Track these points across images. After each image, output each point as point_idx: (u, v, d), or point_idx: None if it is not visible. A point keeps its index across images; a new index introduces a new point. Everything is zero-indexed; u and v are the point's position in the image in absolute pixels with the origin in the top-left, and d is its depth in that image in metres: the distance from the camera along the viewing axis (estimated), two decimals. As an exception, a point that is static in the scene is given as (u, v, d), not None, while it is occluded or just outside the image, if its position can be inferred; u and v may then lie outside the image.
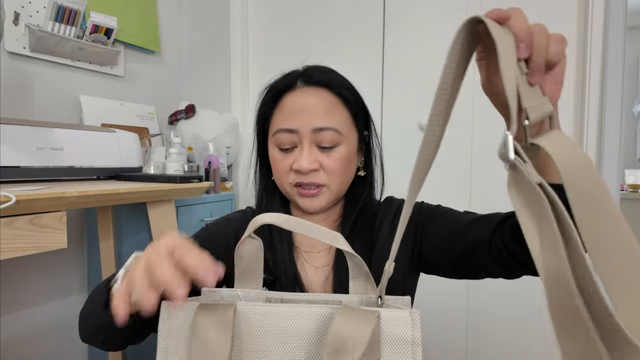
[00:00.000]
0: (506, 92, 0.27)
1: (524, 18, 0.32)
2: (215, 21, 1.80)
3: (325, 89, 0.63)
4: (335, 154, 0.62)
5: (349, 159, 0.63)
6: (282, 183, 0.64)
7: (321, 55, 1.79)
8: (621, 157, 1.33)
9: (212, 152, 1.46)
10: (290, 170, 0.62)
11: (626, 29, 1.31)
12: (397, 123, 1.65)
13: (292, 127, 0.61)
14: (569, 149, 0.27)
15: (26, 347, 1.15)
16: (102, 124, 1.27)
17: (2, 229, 0.60)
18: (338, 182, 0.63)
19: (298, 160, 0.60)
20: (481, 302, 1.56)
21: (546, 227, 0.26)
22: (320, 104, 0.62)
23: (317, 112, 0.61)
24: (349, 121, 0.64)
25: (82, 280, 1.28)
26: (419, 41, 1.61)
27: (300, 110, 0.61)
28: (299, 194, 0.62)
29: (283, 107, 0.63)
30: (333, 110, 0.62)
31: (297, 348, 0.42)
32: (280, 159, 0.63)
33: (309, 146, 0.61)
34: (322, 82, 0.63)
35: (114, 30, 1.23)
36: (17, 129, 0.84)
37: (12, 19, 1.09)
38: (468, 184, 1.55)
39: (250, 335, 0.42)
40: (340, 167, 0.62)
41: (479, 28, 0.31)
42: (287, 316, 0.42)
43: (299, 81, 0.64)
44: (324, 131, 0.60)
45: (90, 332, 0.53)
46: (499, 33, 0.30)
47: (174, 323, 0.42)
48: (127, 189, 0.83)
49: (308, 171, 0.60)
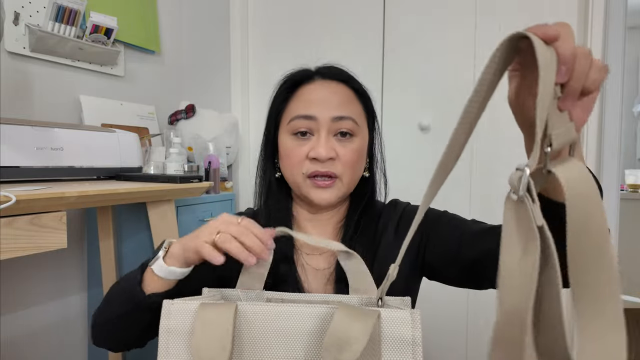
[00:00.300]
0: (537, 119, 0.26)
1: (572, 38, 0.30)
2: (215, 21, 1.80)
3: (342, 83, 0.65)
4: (351, 145, 0.62)
5: (361, 153, 0.64)
6: (294, 174, 0.63)
7: (321, 55, 1.78)
8: (621, 157, 1.33)
9: (212, 152, 1.46)
10: (306, 158, 0.61)
11: (626, 29, 1.31)
12: (397, 123, 1.65)
13: (311, 114, 0.61)
14: (583, 184, 0.26)
15: (26, 347, 1.15)
16: (102, 124, 1.27)
17: (2, 229, 0.60)
18: (350, 175, 0.63)
19: (315, 148, 0.60)
20: (481, 303, 1.56)
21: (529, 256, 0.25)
22: (338, 95, 0.63)
23: (335, 102, 0.62)
24: (363, 116, 0.66)
25: (82, 280, 1.28)
26: (419, 41, 1.61)
27: (319, 99, 0.62)
28: (313, 184, 0.62)
29: (300, 97, 0.64)
30: (351, 103, 0.64)
31: (297, 347, 0.42)
32: (294, 147, 0.62)
33: (327, 135, 0.61)
34: (339, 77, 0.65)
35: (114, 30, 1.23)
36: (17, 129, 0.84)
37: (12, 19, 1.09)
38: (468, 184, 1.55)
39: (251, 335, 0.43)
40: (355, 159, 0.63)
41: (521, 44, 0.29)
42: (287, 316, 0.43)
43: (316, 75, 0.65)
44: (343, 120, 0.61)
45: (112, 322, 0.56)
46: (545, 55, 0.28)
47: (174, 322, 0.42)
48: (127, 189, 0.83)
49: (326, 159, 0.60)
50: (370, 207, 0.68)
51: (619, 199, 1.32)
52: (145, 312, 0.52)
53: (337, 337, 0.37)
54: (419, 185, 1.76)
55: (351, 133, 0.62)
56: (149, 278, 0.53)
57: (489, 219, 0.63)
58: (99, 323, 0.58)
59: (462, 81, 1.54)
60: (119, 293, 0.57)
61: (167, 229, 1.01)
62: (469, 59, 1.53)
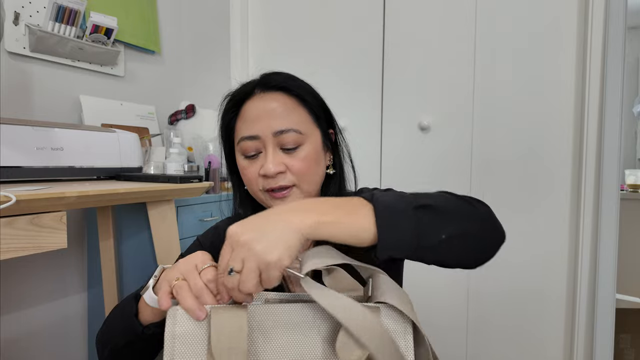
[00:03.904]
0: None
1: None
2: (215, 21, 1.80)
3: (281, 92, 0.64)
4: (299, 154, 0.62)
5: (314, 157, 0.64)
6: (254, 190, 0.65)
7: (321, 55, 1.79)
8: (621, 157, 1.33)
9: (212, 152, 1.46)
10: (259, 176, 0.62)
11: (626, 29, 1.31)
12: (397, 123, 1.65)
13: (254, 134, 0.62)
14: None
15: (26, 347, 1.15)
16: (102, 124, 1.27)
17: (2, 229, 0.60)
18: (307, 181, 0.63)
19: (264, 165, 0.61)
20: (481, 303, 1.56)
21: None
22: (278, 107, 0.62)
23: (275, 115, 0.62)
24: (309, 121, 0.65)
25: (82, 280, 1.28)
26: (419, 41, 1.61)
27: (260, 115, 0.62)
28: (272, 197, 0.63)
29: (243, 115, 0.64)
30: (291, 112, 0.63)
31: (310, 341, 0.44)
32: (247, 167, 0.64)
33: (273, 150, 0.61)
34: (278, 86, 0.64)
35: (114, 30, 1.24)
36: (17, 129, 0.84)
37: (12, 19, 1.09)
38: (468, 183, 1.55)
39: (263, 333, 0.44)
40: (307, 166, 0.63)
41: None
42: (296, 313, 0.45)
43: (257, 88, 0.65)
44: (285, 133, 0.61)
45: (118, 350, 0.56)
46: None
47: (180, 327, 0.43)
48: (127, 189, 0.83)
49: (275, 174, 0.61)
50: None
51: (619, 199, 1.32)
52: (148, 341, 0.52)
53: (353, 329, 0.40)
54: (419, 185, 1.78)
55: (295, 145, 0.62)
56: (142, 308, 0.53)
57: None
58: (104, 345, 0.58)
59: (462, 81, 1.54)
60: (119, 321, 0.56)
61: (167, 229, 1.01)
62: (470, 59, 1.53)
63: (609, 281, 1.34)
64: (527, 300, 1.50)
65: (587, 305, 1.40)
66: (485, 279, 1.54)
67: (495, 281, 1.53)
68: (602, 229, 1.34)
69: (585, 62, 1.38)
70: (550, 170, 1.46)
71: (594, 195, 1.37)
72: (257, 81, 0.66)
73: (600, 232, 1.34)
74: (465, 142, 1.55)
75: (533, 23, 1.46)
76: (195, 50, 1.70)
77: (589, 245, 1.38)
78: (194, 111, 1.50)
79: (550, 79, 1.44)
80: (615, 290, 1.35)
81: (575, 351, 1.41)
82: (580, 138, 1.41)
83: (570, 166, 1.44)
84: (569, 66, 1.42)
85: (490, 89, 1.51)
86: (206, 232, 0.74)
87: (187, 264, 0.48)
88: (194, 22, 1.69)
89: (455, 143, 1.56)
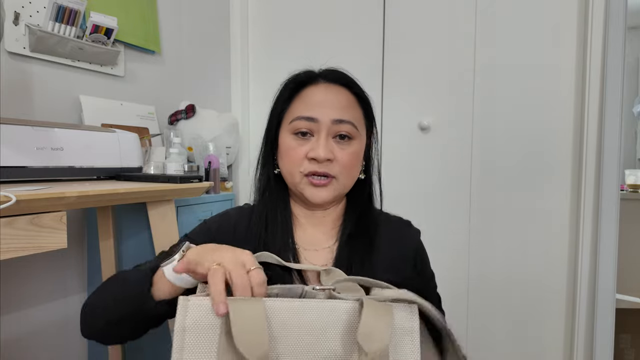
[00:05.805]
0: None
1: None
2: (215, 21, 1.80)
3: (344, 87, 0.67)
4: (349, 148, 0.65)
5: (358, 156, 0.66)
6: (293, 172, 0.65)
7: (321, 56, 1.78)
8: (621, 157, 1.33)
9: (212, 152, 1.46)
10: (305, 158, 0.64)
11: (626, 29, 1.31)
12: (397, 123, 1.65)
13: (313, 116, 0.63)
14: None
15: (26, 347, 1.15)
16: (102, 124, 1.27)
17: (2, 229, 0.60)
18: (346, 176, 0.65)
19: (315, 149, 0.62)
20: (481, 303, 1.56)
21: None
22: (340, 99, 0.65)
23: (338, 105, 0.64)
24: (362, 121, 0.68)
25: (82, 280, 1.28)
26: (419, 41, 1.61)
27: (322, 102, 0.64)
28: (310, 183, 0.64)
29: (304, 98, 0.66)
30: (352, 108, 0.66)
31: (326, 339, 0.45)
32: (294, 147, 0.64)
33: (326, 137, 0.63)
34: (342, 81, 0.67)
35: (114, 30, 1.23)
36: (17, 129, 0.84)
37: (12, 19, 1.09)
38: (468, 183, 1.55)
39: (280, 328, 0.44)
40: (352, 162, 0.65)
41: None
42: (313, 310, 0.46)
43: (320, 77, 0.68)
44: (343, 123, 0.64)
45: (110, 321, 0.54)
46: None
47: (190, 319, 0.42)
48: (127, 189, 0.83)
49: (324, 160, 0.62)
50: (369, 210, 0.71)
51: (619, 199, 1.32)
52: (149, 318, 0.52)
53: (368, 329, 0.43)
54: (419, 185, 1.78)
55: (350, 136, 0.65)
56: (158, 280, 0.52)
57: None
58: (91, 316, 0.56)
59: (462, 81, 1.54)
60: (122, 293, 0.54)
61: (167, 229, 1.01)
62: (470, 59, 1.53)
63: (609, 281, 1.34)
64: (527, 300, 1.50)
65: (587, 305, 1.40)
66: (485, 279, 1.54)
67: (495, 280, 1.53)
68: (602, 229, 1.34)
69: (585, 62, 1.38)
70: (550, 170, 1.46)
71: (594, 195, 1.37)
72: (320, 71, 0.69)
73: (600, 232, 1.34)
74: (465, 142, 1.55)
75: (533, 23, 1.46)
76: (195, 50, 1.70)
77: (589, 245, 1.38)
78: (194, 111, 1.50)
79: (550, 79, 1.44)
80: (615, 290, 1.35)
81: (575, 351, 1.41)
82: (580, 138, 1.41)
83: (570, 166, 1.44)
84: (569, 66, 1.42)
85: (490, 89, 1.51)
86: (214, 216, 0.73)
87: (234, 257, 0.46)
88: (194, 22, 1.69)
89: (455, 143, 1.56)
